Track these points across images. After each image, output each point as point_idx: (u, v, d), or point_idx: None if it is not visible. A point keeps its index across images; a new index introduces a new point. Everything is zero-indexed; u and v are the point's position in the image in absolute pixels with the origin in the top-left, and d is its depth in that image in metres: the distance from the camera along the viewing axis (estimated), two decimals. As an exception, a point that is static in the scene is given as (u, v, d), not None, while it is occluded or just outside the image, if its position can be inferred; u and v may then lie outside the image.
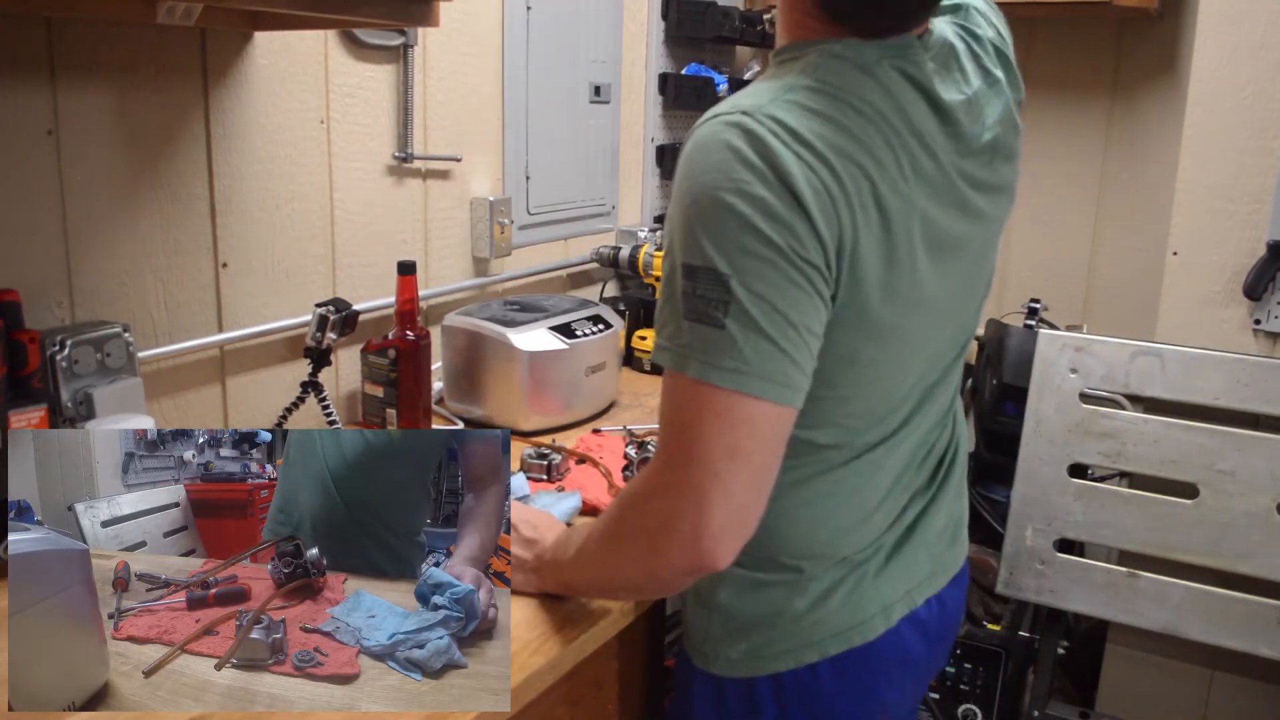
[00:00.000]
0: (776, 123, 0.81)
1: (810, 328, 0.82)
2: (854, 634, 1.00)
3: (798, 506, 0.97)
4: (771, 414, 0.81)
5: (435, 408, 1.64)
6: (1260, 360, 1.77)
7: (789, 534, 0.97)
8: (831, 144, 0.81)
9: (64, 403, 1.15)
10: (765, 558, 0.97)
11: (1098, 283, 2.45)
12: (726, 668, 1.01)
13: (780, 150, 0.79)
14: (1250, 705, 1.98)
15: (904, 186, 0.86)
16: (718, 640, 1.01)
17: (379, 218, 1.64)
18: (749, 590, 0.99)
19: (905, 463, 1.02)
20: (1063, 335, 1.90)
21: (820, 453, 0.95)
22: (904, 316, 0.89)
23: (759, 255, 0.79)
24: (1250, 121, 1.88)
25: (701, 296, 0.80)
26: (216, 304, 1.41)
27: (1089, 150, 2.41)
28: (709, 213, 0.80)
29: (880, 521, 1.01)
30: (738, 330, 0.79)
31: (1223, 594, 1.81)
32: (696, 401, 0.81)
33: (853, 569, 1.00)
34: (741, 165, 0.79)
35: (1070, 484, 1.89)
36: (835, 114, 0.83)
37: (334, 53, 1.52)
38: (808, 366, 0.83)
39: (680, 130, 2.37)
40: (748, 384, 0.79)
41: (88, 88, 1.22)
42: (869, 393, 0.94)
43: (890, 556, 1.02)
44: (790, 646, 0.99)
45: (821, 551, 0.98)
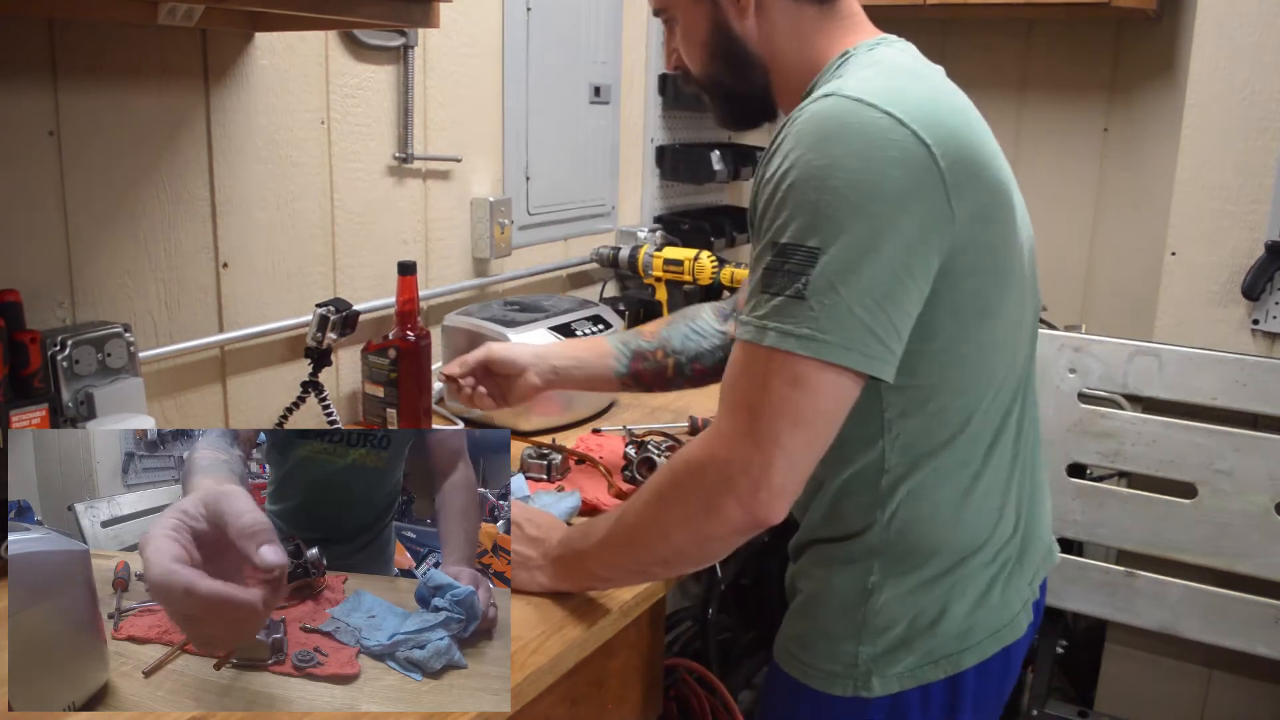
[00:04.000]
0: (875, 96, 0.84)
1: (895, 299, 0.82)
2: (1006, 632, 0.99)
3: (958, 497, 0.95)
4: (846, 384, 0.82)
5: (435, 408, 1.65)
6: (1259, 360, 1.77)
7: (951, 528, 0.95)
8: (926, 108, 0.85)
9: (65, 403, 1.15)
10: (928, 556, 0.95)
11: (1096, 283, 2.45)
12: (881, 687, 0.96)
13: (879, 120, 0.82)
14: (1248, 704, 1.98)
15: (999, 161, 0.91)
16: (873, 660, 0.97)
17: (379, 218, 1.64)
18: (910, 601, 0.96)
19: (1026, 442, 1.02)
20: (1061, 335, 1.90)
21: (969, 436, 0.95)
22: (1006, 291, 0.93)
23: (852, 229, 0.80)
24: (1248, 122, 1.88)
25: (788, 272, 0.81)
26: (217, 304, 1.42)
27: (1087, 150, 2.41)
28: (805, 187, 0.82)
29: (1013, 507, 1.00)
30: (816, 299, 0.80)
31: (1221, 593, 1.81)
32: (771, 369, 0.82)
33: (1003, 563, 0.98)
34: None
35: (1069, 484, 1.89)
36: (927, 87, 0.89)
37: (334, 53, 1.52)
38: (888, 338, 0.83)
39: (680, 131, 2.37)
40: (824, 351, 0.80)
41: (89, 88, 1.22)
42: (996, 364, 0.94)
43: (1024, 544, 1.01)
44: (950, 652, 0.96)
45: (978, 543, 0.97)
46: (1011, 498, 0.99)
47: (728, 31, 1.00)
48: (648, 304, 2.03)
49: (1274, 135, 1.86)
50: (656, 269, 1.97)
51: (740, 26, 1.00)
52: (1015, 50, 2.43)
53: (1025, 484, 1.02)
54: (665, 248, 2.00)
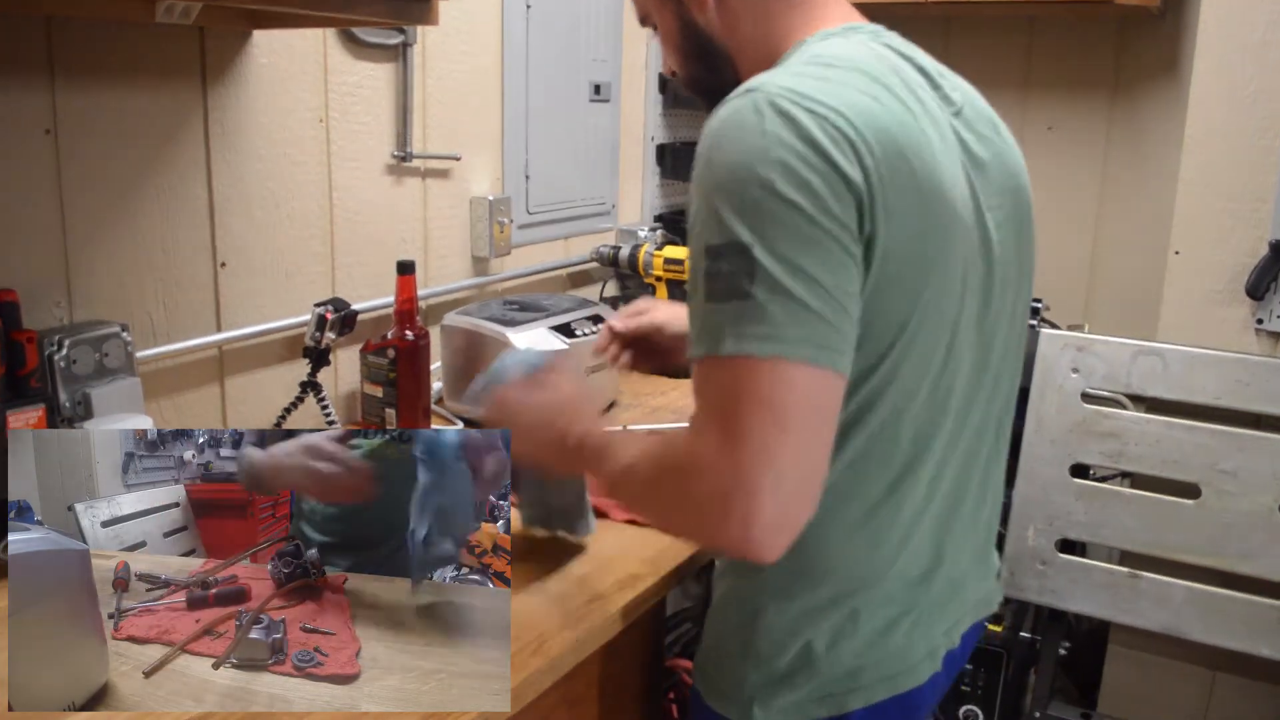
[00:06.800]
0: (787, 89, 0.79)
1: (842, 287, 0.77)
2: (902, 679, 0.93)
3: (849, 525, 0.89)
4: (815, 379, 0.76)
5: (435, 408, 1.64)
6: (1262, 360, 1.77)
7: (840, 556, 0.90)
8: (845, 100, 0.80)
9: (62, 403, 1.14)
10: (815, 582, 0.90)
11: (1099, 282, 2.45)
12: (764, 718, 0.92)
13: (794, 111, 0.78)
14: (1252, 706, 1.98)
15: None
16: (758, 689, 0.93)
17: (378, 217, 1.64)
18: (796, 627, 0.91)
19: (960, 489, 0.96)
20: (1064, 335, 1.89)
21: (865, 465, 0.88)
22: (928, 312, 0.86)
23: (779, 218, 0.75)
24: (1252, 120, 1.87)
25: (726, 274, 0.76)
26: (215, 304, 1.41)
27: (1090, 149, 2.40)
28: (724, 187, 0.77)
29: (925, 551, 0.94)
30: (765, 296, 0.75)
31: (1224, 594, 1.80)
32: (735, 378, 0.76)
33: (906, 607, 0.93)
34: (756, 133, 0.77)
35: (1072, 484, 1.88)
36: (843, 77, 0.82)
37: (333, 51, 1.52)
38: (846, 328, 0.78)
39: (680, 129, 2.36)
40: (784, 349, 0.75)
41: (87, 87, 1.22)
42: (919, 371, 0.87)
43: (943, 592, 0.96)
44: (834, 691, 0.92)
45: (873, 579, 0.91)
46: (922, 540, 0.93)
47: (694, 27, 0.99)
48: (648, 303, 2.03)
49: (1278, 134, 1.86)
50: (657, 268, 1.97)
51: (703, 20, 0.98)
52: (1017, 48, 2.43)
53: (952, 530, 0.96)
54: (666, 246, 2.00)
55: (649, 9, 1.04)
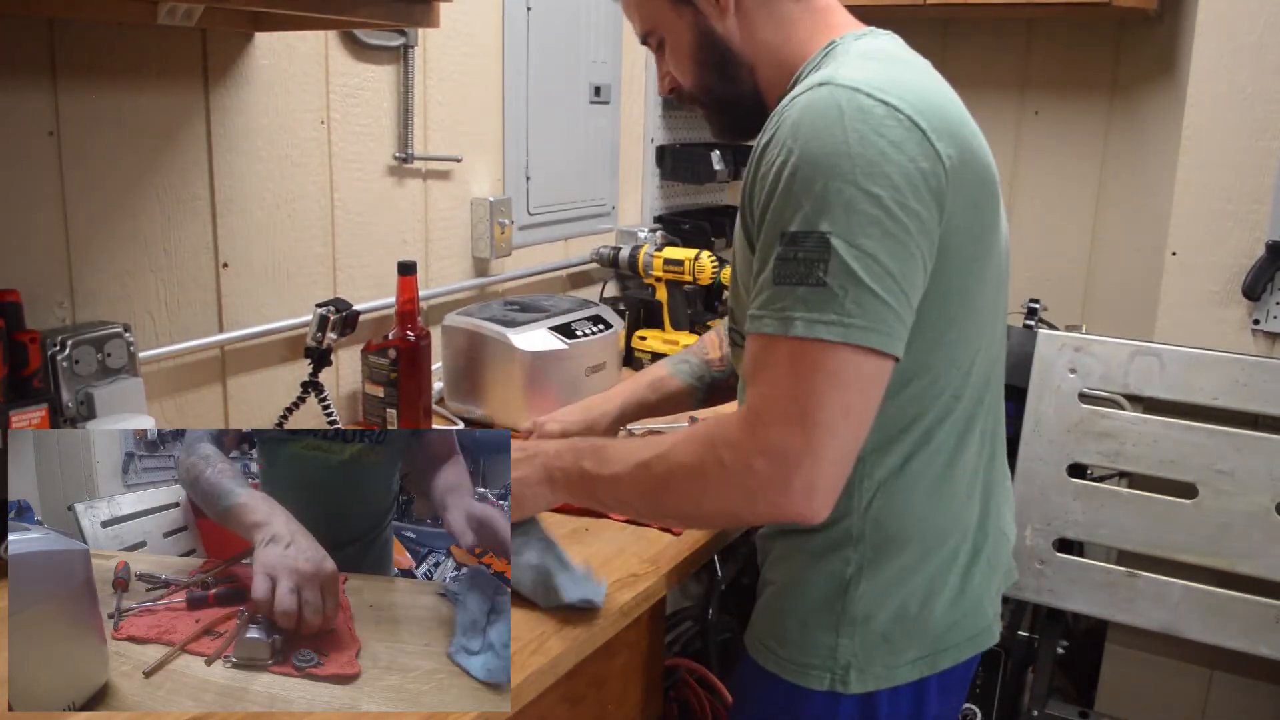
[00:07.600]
0: (863, 81, 0.84)
1: (909, 277, 0.83)
2: (982, 638, 0.99)
3: (933, 483, 0.95)
4: (877, 365, 0.82)
5: (435, 408, 1.65)
6: (1259, 360, 1.77)
7: (926, 515, 0.95)
8: (916, 92, 0.85)
9: (65, 403, 1.15)
10: (904, 544, 0.95)
11: (1097, 283, 2.45)
12: (859, 683, 0.96)
13: (873, 105, 0.83)
14: (1249, 705, 1.98)
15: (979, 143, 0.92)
16: (855, 654, 0.96)
17: (379, 218, 1.64)
18: (890, 590, 0.95)
19: (996, 435, 1.03)
20: (1062, 335, 1.90)
21: (944, 422, 0.95)
22: (984, 280, 0.94)
23: (858, 209, 0.81)
24: (1249, 122, 1.88)
25: (800, 259, 0.81)
26: (217, 304, 1.42)
27: (1088, 150, 2.41)
28: (806, 177, 0.82)
29: (978, 499, 1.00)
30: (838, 284, 0.80)
31: (1222, 594, 1.81)
32: (807, 360, 0.81)
33: (973, 553, 0.98)
34: (837, 126, 0.82)
35: (1069, 484, 1.89)
36: (905, 71, 0.90)
37: (334, 53, 1.52)
38: (907, 316, 0.84)
39: (680, 131, 2.37)
40: (854, 336, 0.80)
41: (89, 88, 1.22)
42: (972, 350, 0.95)
43: (992, 539, 1.01)
44: (929, 651, 0.96)
45: (951, 530, 0.97)
46: (976, 489, 1.00)
47: (712, 36, 1.01)
48: (648, 304, 2.03)
49: (1275, 135, 1.86)
50: (657, 269, 1.97)
51: (722, 28, 1.00)
52: (1015, 50, 2.43)
53: (993, 478, 1.03)
54: (665, 248, 2.00)
55: (658, 24, 1.05)
